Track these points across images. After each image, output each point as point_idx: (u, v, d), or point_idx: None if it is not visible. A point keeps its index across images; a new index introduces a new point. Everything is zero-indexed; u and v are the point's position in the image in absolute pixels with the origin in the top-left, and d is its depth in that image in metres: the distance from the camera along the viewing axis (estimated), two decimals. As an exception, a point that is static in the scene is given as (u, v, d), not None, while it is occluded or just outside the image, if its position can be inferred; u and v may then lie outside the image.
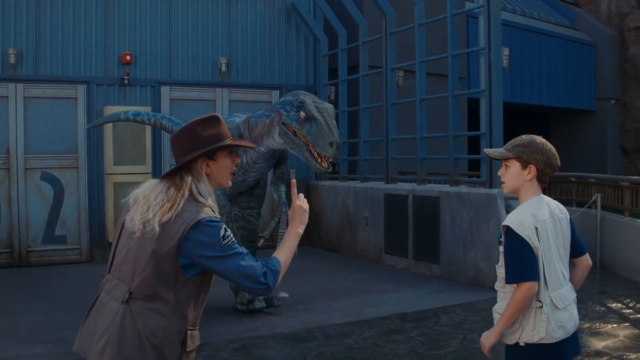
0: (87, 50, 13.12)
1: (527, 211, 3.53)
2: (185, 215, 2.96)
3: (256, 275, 2.98)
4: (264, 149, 8.16)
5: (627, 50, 26.43)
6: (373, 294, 9.90)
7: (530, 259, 3.43)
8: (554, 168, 3.61)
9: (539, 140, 3.61)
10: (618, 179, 12.48)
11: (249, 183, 8.73)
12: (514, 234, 3.46)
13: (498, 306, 3.63)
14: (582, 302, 9.05)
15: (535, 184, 3.61)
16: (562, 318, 3.50)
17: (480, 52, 10.80)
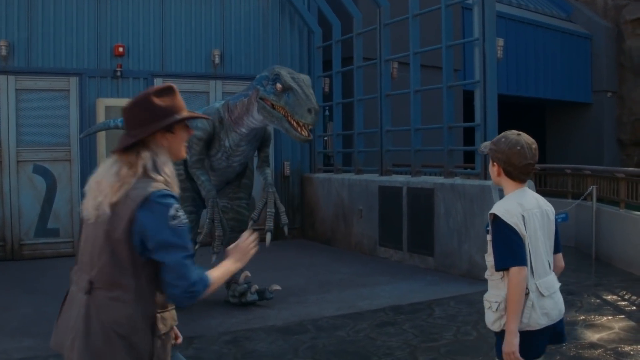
0: (79, 42, 13.00)
1: (514, 200, 3.58)
2: (133, 194, 2.80)
3: (188, 281, 2.79)
4: (245, 129, 8.11)
5: (623, 42, 26.38)
6: (367, 286, 9.83)
7: (518, 245, 3.48)
8: (516, 167, 3.60)
9: (506, 138, 3.62)
10: (613, 171, 12.41)
11: (235, 169, 8.64)
12: (501, 221, 3.50)
13: (488, 294, 3.67)
14: (577, 294, 9.06)
15: (509, 180, 3.66)
16: (547, 305, 3.56)
17: (475, 42, 10.72)
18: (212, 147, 8.36)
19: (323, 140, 15.34)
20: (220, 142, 8.28)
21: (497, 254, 3.51)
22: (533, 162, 3.62)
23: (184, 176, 8.59)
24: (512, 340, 3.47)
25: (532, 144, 3.61)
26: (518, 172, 3.61)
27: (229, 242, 8.77)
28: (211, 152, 8.39)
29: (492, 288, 3.64)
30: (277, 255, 12.73)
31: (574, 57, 25.66)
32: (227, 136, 8.21)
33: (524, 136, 3.62)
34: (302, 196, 15.11)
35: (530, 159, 3.58)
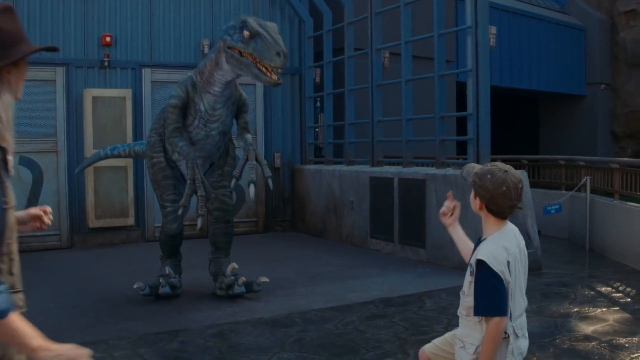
0: (66, 32, 12.79)
1: (501, 244, 3.46)
2: None
3: None
4: (218, 87, 8.01)
5: (617, 34, 26.22)
6: (357, 278, 9.67)
7: (502, 294, 3.40)
8: (499, 207, 3.48)
9: (492, 175, 3.46)
10: (608, 161, 12.29)
11: (215, 139, 8.36)
12: (488, 268, 3.39)
13: (462, 333, 3.61)
14: (571, 286, 8.93)
15: (490, 216, 3.53)
16: (522, 345, 3.57)
17: (467, 31, 10.55)
18: (188, 114, 8.18)
19: (314, 131, 15.16)
20: (196, 107, 8.11)
21: (479, 300, 3.43)
22: (517, 203, 3.50)
23: (164, 164, 8.49)
24: None
25: (518, 183, 3.45)
26: (500, 211, 3.50)
27: (214, 233, 8.65)
28: (188, 121, 8.20)
29: (466, 328, 3.58)
30: (266, 247, 12.63)
31: (568, 49, 25.51)
32: (202, 99, 8.08)
33: (511, 174, 3.45)
34: (293, 188, 14.95)
35: (515, 200, 3.46)
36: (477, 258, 3.45)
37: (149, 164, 8.83)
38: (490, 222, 3.54)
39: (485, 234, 3.56)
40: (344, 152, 13.72)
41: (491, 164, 3.54)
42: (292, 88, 15.04)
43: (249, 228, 14.35)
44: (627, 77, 26.16)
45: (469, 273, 3.55)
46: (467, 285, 3.55)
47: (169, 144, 8.28)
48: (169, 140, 8.22)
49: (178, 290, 8.57)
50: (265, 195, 14.56)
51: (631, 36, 25.77)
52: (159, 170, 8.51)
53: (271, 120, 14.68)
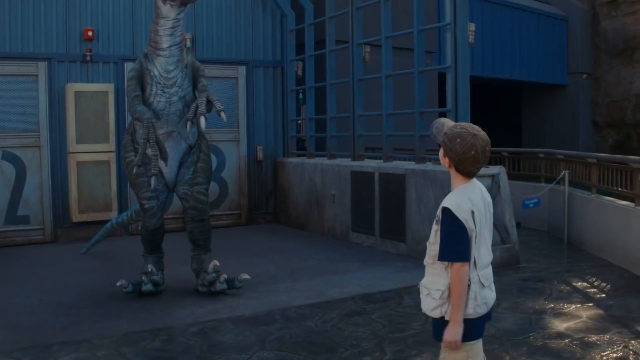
0: (47, 26, 12.80)
1: (466, 195, 3.68)
2: None
3: None
4: (165, 43, 8.17)
5: (598, 24, 26.40)
6: (337, 273, 9.79)
7: (464, 241, 3.62)
8: (467, 168, 3.68)
9: (462, 140, 3.61)
10: (585, 156, 12.42)
11: (177, 107, 8.44)
12: (452, 215, 3.61)
13: (427, 281, 3.82)
14: (547, 281, 9.09)
15: (459, 175, 3.73)
16: (486, 295, 3.76)
17: (447, 27, 10.67)
18: (146, 84, 8.33)
19: (296, 124, 15.25)
20: (151, 74, 8.25)
21: (444, 246, 3.63)
22: (483, 165, 3.72)
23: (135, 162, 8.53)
24: (457, 330, 3.64)
25: (486, 145, 3.65)
26: (467, 171, 3.70)
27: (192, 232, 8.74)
28: (147, 93, 8.33)
29: (432, 275, 3.76)
30: (249, 240, 12.73)
31: (550, 39, 25.66)
32: (154, 64, 8.23)
33: (480, 137, 3.62)
34: (275, 180, 15.05)
35: (482, 162, 3.67)
36: (442, 206, 3.66)
37: (125, 165, 8.92)
38: (458, 179, 3.74)
39: (453, 188, 3.77)
40: (325, 145, 13.81)
41: (460, 126, 3.68)
42: (274, 81, 15.11)
43: (232, 220, 14.45)
44: (609, 67, 26.37)
45: (435, 223, 3.75)
46: (433, 234, 3.76)
47: (130, 114, 8.40)
48: (130, 110, 8.33)
49: (161, 287, 8.64)
50: (248, 188, 14.66)
51: (612, 26, 25.95)
52: (131, 169, 8.54)
53: (254, 113, 14.76)
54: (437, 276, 3.71)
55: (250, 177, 14.75)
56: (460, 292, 3.60)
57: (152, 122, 7.96)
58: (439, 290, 3.68)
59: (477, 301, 3.68)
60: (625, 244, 10.01)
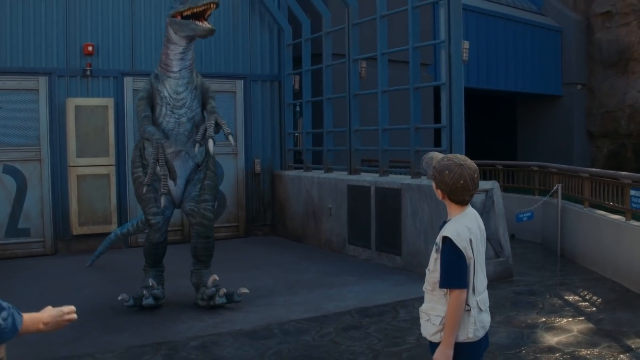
0: (48, 41, 12.98)
1: (464, 224, 3.84)
2: None
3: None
4: (175, 67, 8.43)
5: (593, 35, 26.68)
6: (334, 287, 9.95)
7: (462, 269, 3.76)
8: (458, 197, 3.86)
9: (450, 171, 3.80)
10: (578, 170, 12.61)
11: (186, 127, 8.63)
12: (452, 244, 3.75)
13: (428, 307, 3.95)
14: (540, 294, 9.25)
15: (454, 204, 3.90)
16: (484, 319, 3.91)
17: (441, 44, 10.87)
18: (156, 105, 8.53)
19: (294, 137, 15.43)
20: (161, 95, 8.47)
21: (444, 274, 3.77)
22: (475, 192, 3.87)
23: (143, 178, 8.66)
24: (448, 352, 3.77)
25: (474, 173, 3.82)
26: (460, 200, 3.87)
27: (196, 247, 8.89)
28: (156, 113, 8.53)
29: (432, 302, 3.90)
30: (247, 253, 12.89)
31: (545, 50, 25.92)
32: (164, 86, 8.47)
33: (467, 166, 3.80)
34: (273, 193, 15.23)
35: (472, 189, 3.84)
36: (442, 235, 3.80)
37: (133, 180, 9.13)
38: (453, 207, 3.91)
39: (450, 216, 3.93)
40: (322, 159, 14.00)
41: (447, 158, 3.87)
42: (271, 95, 15.31)
43: (230, 233, 14.62)
44: (603, 78, 26.63)
45: (434, 251, 3.88)
46: (433, 262, 3.89)
47: (140, 133, 8.54)
48: (139, 130, 8.48)
49: (161, 301, 8.79)
50: (246, 200, 14.83)
51: (606, 37, 26.24)
52: (139, 185, 8.72)
53: (251, 126, 14.94)
54: (436, 302, 3.86)
55: (248, 189, 14.92)
56: (457, 317, 3.74)
57: (161, 143, 8.13)
58: (438, 316, 3.83)
59: (476, 325, 3.82)
60: (617, 257, 10.20)
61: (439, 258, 3.81)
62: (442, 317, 3.80)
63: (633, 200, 10.10)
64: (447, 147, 10.58)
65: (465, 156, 3.87)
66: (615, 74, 26.31)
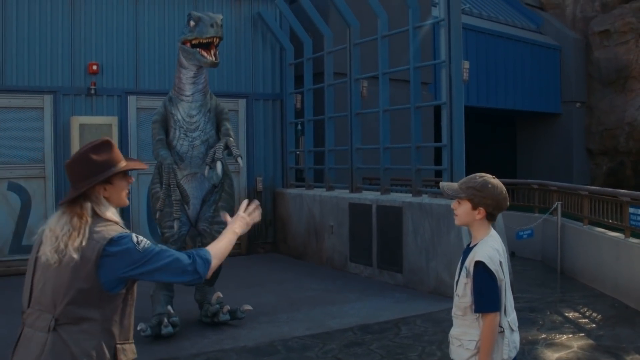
0: (53, 60, 13.15)
1: (493, 247, 3.85)
2: (96, 236, 3.11)
3: (183, 266, 3.19)
4: (188, 90, 8.59)
5: (591, 53, 26.83)
6: (336, 304, 10.04)
7: (497, 292, 3.79)
8: (502, 209, 3.94)
9: (491, 184, 3.87)
10: (577, 188, 12.73)
11: (200, 150, 8.71)
12: (485, 268, 3.77)
13: (460, 332, 3.94)
14: (539, 311, 9.35)
15: (486, 222, 3.92)
16: (515, 339, 3.94)
17: (442, 65, 11.02)
18: (170, 128, 8.67)
19: (295, 155, 15.56)
20: (174, 118, 8.60)
21: (479, 297, 3.79)
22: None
23: (159, 193, 8.74)
24: None
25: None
26: (498, 213, 3.95)
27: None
28: (170, 136, 8.66)
29: (463, 327, 3.91)
30: (249, 270, 12.95)
31: (544, 68, 26.05)
32: (178, 109, 8.61)
33: (497, 180, 3.92)
34: (275, 211, 15.34)
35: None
36: (475, 260, 3.80)
37: (150, 195, 9.17)
38: (484, 227, 3.91)
39: (475, 240, 3.93)
40: (324, 177, 14.12)
41: (478, 176, 3.91)
42: (273, 113, 15.46)
43: (232, 250, 14.55)
44: (602, 95, 26.76)
45: (464, 276, 3.86)
46: (462, 287, 3.87)
47: (154, 157, 8.70)
48: (154, 154, 8.65)
49: (177, 329, 8.43)
50: (248, 218, 14.89)
51: (605, 55, 26.39)
52: (156, 200, 8.75)
53: (253, 145, 15.07)
54: (468, 327, 3.87)
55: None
56: (492, 341, 3.76)
57: (172, 168, 8.31)
58: (472, 340, 3.84)
59: (509, 346, 3.84)
60: (616, 274, 10.31)
61: (469, 283, 3.82)
62: (477, 342, 3.81)
63: (632, 217, 10.22)
64: (447, 166, 10.70)
65: None
66: (614, 92, 26.45)
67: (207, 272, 3.26)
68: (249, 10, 15.23)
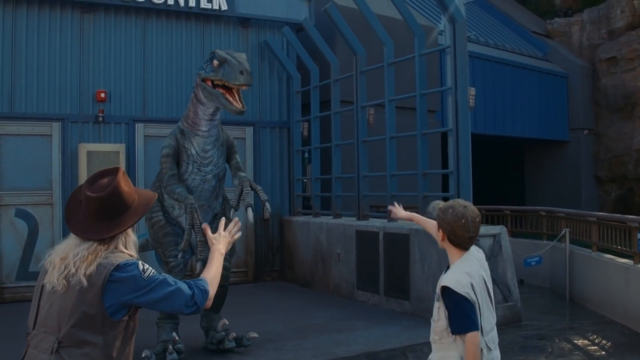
0: (61, 88, 13.25)
1: (462, 270, 3.87)
2: (104, 262, 3.12)
3: (185, 299, 3.18)
4: (204, 126, 8.42)
5: (598, 80, 26.89)
6: (343, 331, 9.98)
7: (472, 311, 3.79)
8: (459, 238, 3.90)
9: (453, 210, 3.90)
10: (586, 215, 12.69)
11: (211, 184, 8.63)
12: (453, 292, 3.79)
13: (435, 356, 3.97)
14: (548, 338, 9.28)
15: (454, 247, 3.94)
16: (494, 356, 3.95)
17: (448, 91, 11.04)
18: (181, 161, 8.48)
19: (302, 183, 15.57)
20: (188, 153, 8.43)
21: (454, 320, 3.80)
22: (475, 235, 3.92)
23: (163, 222, 8.67)
24: None
25: (476, 217, 3.91)
26: (460, 242, 3.92)
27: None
28: (182, 169, 8.48)
29: (442, 350, 3.91)
30: (256, 298, 12.91)
31: (551, 95, 26.10)
32: (192, 143, 8.44)
33: (470, 209, 3.91)
34: (282, 239, 15.31)
35: (472, 232, 3.90)
36: (441, 285, 3.84)
37: (149, 224, 8.96)
38: (453, 252, 3.95)
39: (450, 263, 3.97)
40: (331, 204, 14.11)
41: (453, 201, 4.00)
42: (280, 141, 15.50)
43: (239, 278, 14.65)
44: (609, 122, 26.78)
45: (435, 300, 3.92)
46: (436, 311, 3.91)
47: (167, 193, 8.48)
48: (166, 189, 8.40)
49: (182, 356, 8.39)
50: (255, 246, 14.91)
51: (612, 82, 26.44)
52: (159, 228, 8.72)
53: (260, 172, 15.08)
54: (446, 350, 3.88)
55: (257, 235, 15.00)
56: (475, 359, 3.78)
57: (195, 208, 8.08)
58: None
59: None
60: (626, 301, 10.23)
61: (441, 306, 3.85)
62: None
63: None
64: (454, 193, 10.68)
65: (469, 202, 3.97)
66: (622, 118, 26.47)
67: (205, 303, 3.26)
68: (256, 38, 15.32)
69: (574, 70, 26.87)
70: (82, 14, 13.47)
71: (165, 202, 8.75)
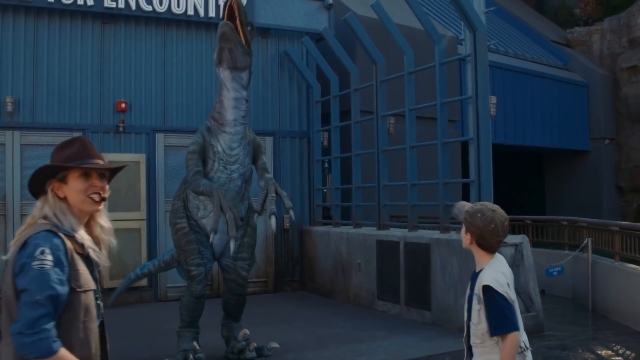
0: (82, 98, 13.32)
1: (499, 270, 3.88)
2: (20, 239, 2.92)
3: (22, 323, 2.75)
4: (229, 115, 8.39)
5: (619, 89, 26.72)
6: (364, 341, 9.92)
7: (511, 312, 3.79)
8: (488, 242, 3.90)
9: (482, 214, 3.88)
10: (608, 224, 12.58)
11: (237, 183, 8.55)
12: (494, 291, 3.78)
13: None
14: (571, 349, 9.19)
15: (482, 250, 3.95)
16: (530, 357, 3.96)
17: (469, 100, 11.00)
18: (207, 159, 8.45)
19: (322, 193, 15.55)
20: (214, 150, 8.40)
21: (493, 321, 3.78)
22: (503, 239, 3.95)
23: (187, 229, 8.62)
24: None
25: (504, 221, 3.90)
26: (489, 246, 3.92)
27: (227, 303, 8.87)
28: (208, 167, 8.45)
29: (484, 354, 3.88)
30: (276, 308, 12.88)
31: (571, 105, 25.96)
32: (218, 141, 8.41)
33: (499, 213, 3.89)
34: (302, 249, 15.28)
35: (501, 236, 3.91)
36: (482, 284, 3.81)
37: (173, 230, 8.86)
38: (482, 255, 3.95)
39: (479, 266, 3.96)
40: (351, 214, 14.08)
41: (480, 204, 3.98)
42: (300, 151, 15.49)
43: (259, 288, 14.63)
44: (631, 132, 26.58)
45: (476, 302, 3.87)
46: (477, 314, 3.86)
47: (191, 188, 8.40)
48: (191, 185, 8.34)
49: None
50: (275, 256, 14.89)
51: (633, 92, 26.26)
52: (182, 235, 8.65)
53: (280, 182, 15.02)
54: (489, 354, 3.84)
55: (277, 245, 14.99)
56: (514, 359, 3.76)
57: (220, 192, 8.11)
58: None
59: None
60: (649, 312, 10.12)
61: (482, 309, 3.81)
62: None
63: (664, 254, 10.07)
64: (475, 202, 10.60)
65: (497, 205, 3.94)
66: (643, 128, 26.29)
67: (26, 350, 2.75)
68: (275, 48, 15.35)
69: (594, 79, 26.73)
70: (102, 24, 13.55)
71: (190, 204, 8.67)
